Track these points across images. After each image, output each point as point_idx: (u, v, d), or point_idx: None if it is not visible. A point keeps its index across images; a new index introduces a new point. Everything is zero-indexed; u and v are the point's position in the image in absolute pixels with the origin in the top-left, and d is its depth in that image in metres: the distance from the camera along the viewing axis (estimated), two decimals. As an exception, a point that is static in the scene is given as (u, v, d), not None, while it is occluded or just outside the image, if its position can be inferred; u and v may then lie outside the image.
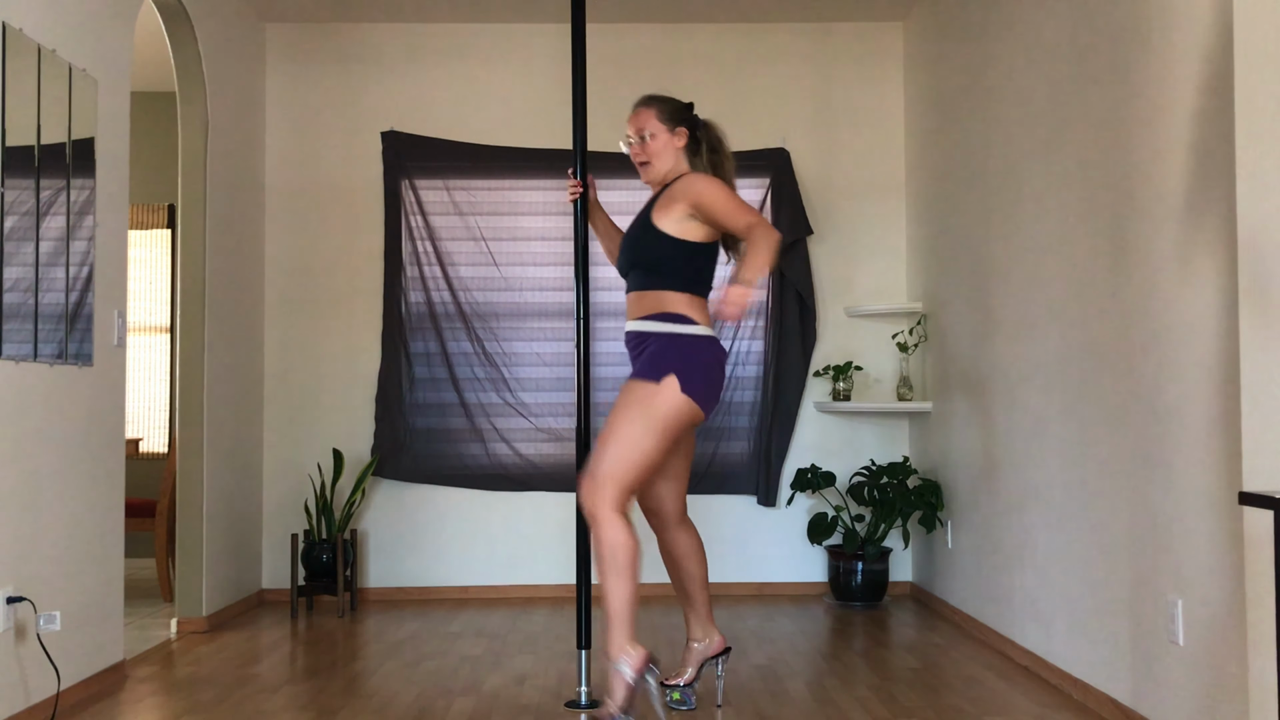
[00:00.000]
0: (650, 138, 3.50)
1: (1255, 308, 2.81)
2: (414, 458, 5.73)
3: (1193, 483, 3.04)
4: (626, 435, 3.26)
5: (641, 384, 3.32)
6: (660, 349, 3.35)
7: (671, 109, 3.55)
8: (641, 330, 3.43)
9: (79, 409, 3.83)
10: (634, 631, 3.25)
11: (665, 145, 3.50)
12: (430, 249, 5.79)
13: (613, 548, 3.23)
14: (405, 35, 5.91)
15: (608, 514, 3.24)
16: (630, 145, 3.55)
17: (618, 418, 3.29)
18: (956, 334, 5.06)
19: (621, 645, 3.22)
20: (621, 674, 3.20)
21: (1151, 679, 3.28)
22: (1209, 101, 2.94)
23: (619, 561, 3.23)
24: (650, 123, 3.51)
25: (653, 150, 3.50)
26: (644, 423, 3.27)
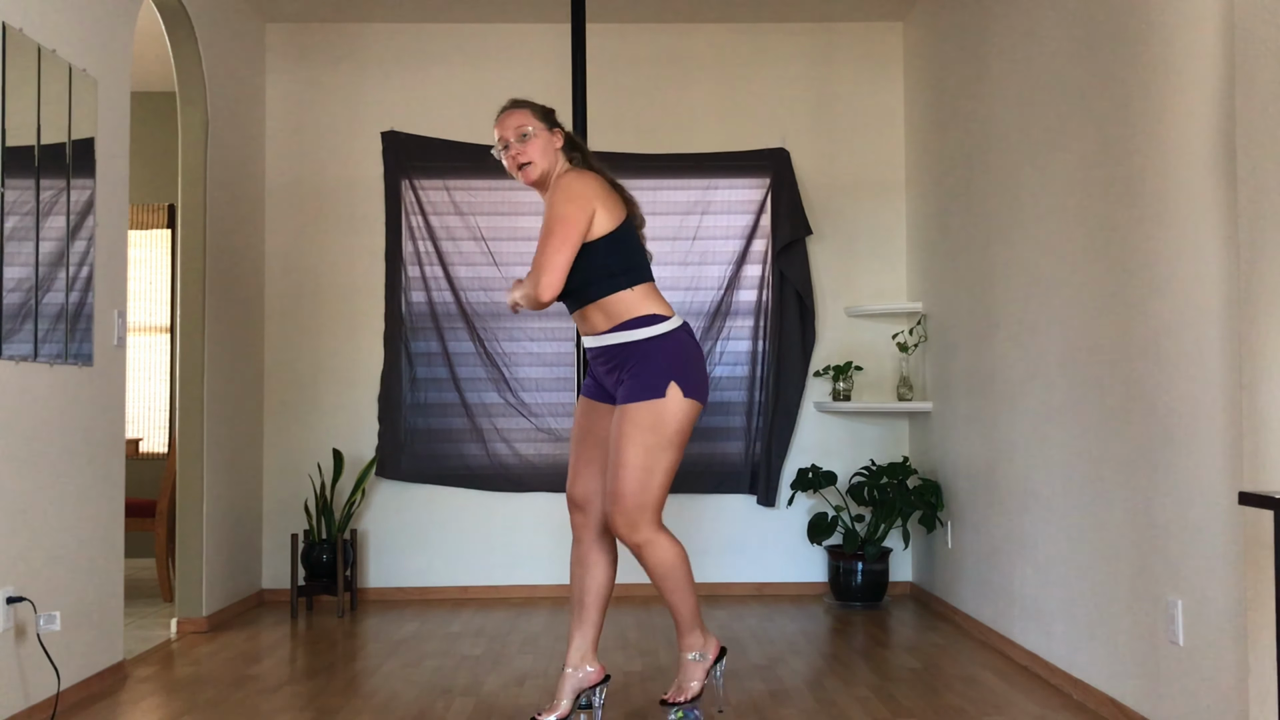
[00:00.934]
0: (531, 134, 3.30)
1: (1254, 307, 2.81)
2: (414, 458, 5.73)
3: (1193, 483, 3.04)
4: (646, 460, 3.20)
5: (645, 404, 3.21)
6: (648, 358, 3.23)
7: (543, 110, 3.38)
8: (616, 342, 3.27)
9: (79, 409, 3.84)
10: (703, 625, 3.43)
11: (546, 144, 3.32)
12: (431, 249, 5.79)
13: (667, 566, 3.28)
14: (405, 35, 5.91)
15: (649, 537, 3.24)
16: (506, 149, 3.33)
17: (632, 443, 3.20)
18: (956, 334, 5.06)
19: (699, 640, 3.41)
20: (701, 664, 3.40)
21: (1151, 679, 3.28)
22: (1209, 101, 2.94)
23: (678, 576, 3.30)
24: (530, 120, 3.32)
25: (533, 148, 3.30)
26: (658, 442, 3.21)
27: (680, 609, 3.33)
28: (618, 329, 3.26)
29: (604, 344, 3.30)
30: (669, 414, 3.21)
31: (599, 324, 3.30)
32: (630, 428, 3.21)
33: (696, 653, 3.39)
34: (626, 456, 3.20)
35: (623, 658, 4.36)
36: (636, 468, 3.20)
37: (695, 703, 3.38)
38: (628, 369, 3.26)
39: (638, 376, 3.23)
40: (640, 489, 3.20)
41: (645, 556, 3.25)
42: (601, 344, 3.31)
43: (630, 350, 3.25)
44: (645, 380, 3.22)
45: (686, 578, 3.30)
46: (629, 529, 3.23)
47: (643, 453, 3.20)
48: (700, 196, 5.82)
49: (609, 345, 3.29)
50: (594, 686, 3.40)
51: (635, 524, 3.22)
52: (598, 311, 3.28)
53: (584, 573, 3.41)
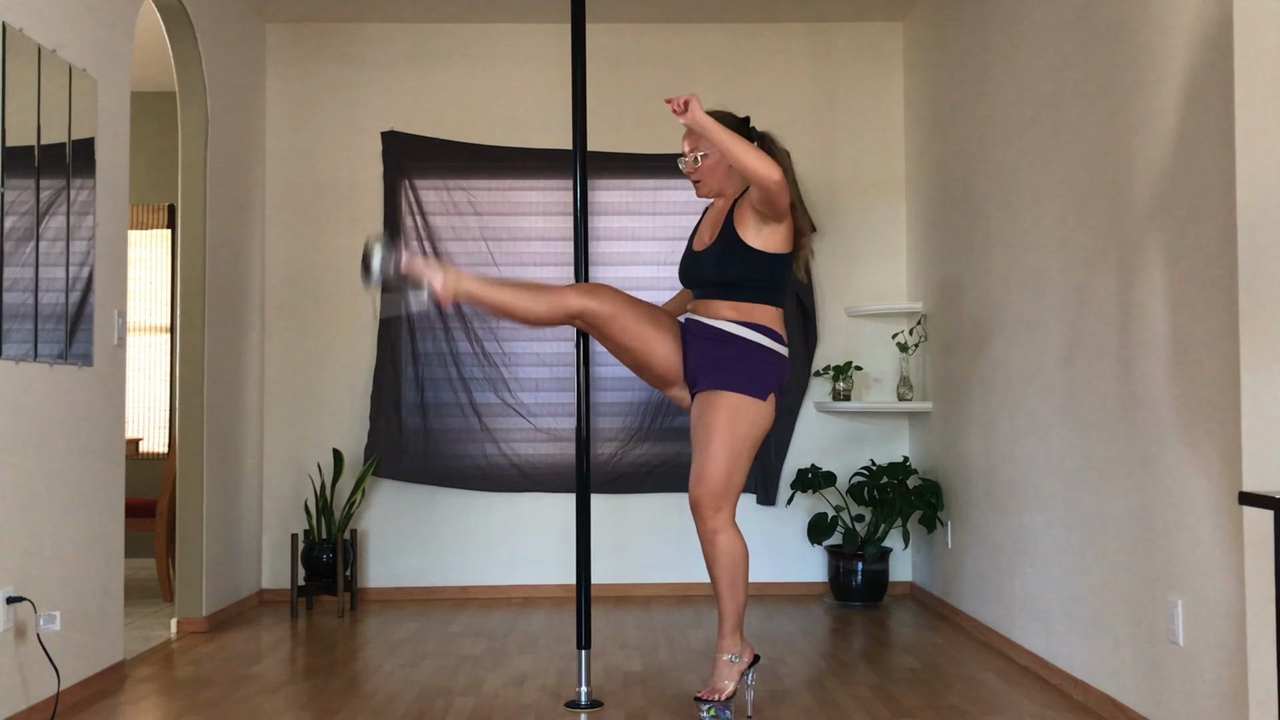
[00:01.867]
0: (704, 157, 3.52)
1: (1255, 308, 2.81)
2: (414, 458, 5.73)
3: (1193, 483, 3.04)
4: (734, 447, 3.36)
5: (750, 399, 3.38)
6: (761, 361, 3.40)
7: (728, 125, 3.47)
8: (731, 331, 3.44)
9: (79, 409, 3.84)
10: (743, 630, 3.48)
11: (717, 163, 3.53)
12: (431, 249, 5.79)
13: (734, 558, 3.40)
14: (405, 35, 5.91)
15: (727, 525, 3.39)
16: (685, 162, 3.56)
17: (727, 429, 3.36)
18: (956, 334, 5.06)
19: (738, 643, 3.44)
20: (737, 666, 3.43)
21: (1151, 679, 3.28)
22: (1209, 101, 2.94)
23: (740, 571, 3.41)
24: (702, 142, 3.51)
25: (704, 169, 3.53)
26: (749, 438, 3.39)
27: (729, 606, 3.41)
28: (744, 325, 3.44)
29: (723, 328, 3.46)
30: (763, 417, 3.41)
31: (725, 314, 3.48)
32: (732, 415, 3.37)
33: (734, 655, 3.43)
34: (723, 438, 3.36)
35: (623, 658, 4.36)
36: (727, 452, 3.36)
37: (728, 703, 3.40)
38: (736, 357, 3.41)
39: (749, 372, 3.40)
40: (730, 472, 3.36)
41: (718, 543, 3.38)
42: (720, 326, 3.46)
43: (747, 345, 3.42)
44: (757, 379, 3.40)
45: (745, 577, 3.43)
46: (713, 509, 3.37)
47: (734, 440, 3.37)
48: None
49: (728, 331, 3.45)
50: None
51: (720, 506, 3.38)
52: (732, 309, 3.46)
53: None
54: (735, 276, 3.45)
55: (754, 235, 3.43)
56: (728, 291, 3.47)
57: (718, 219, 3.56)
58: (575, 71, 3.83)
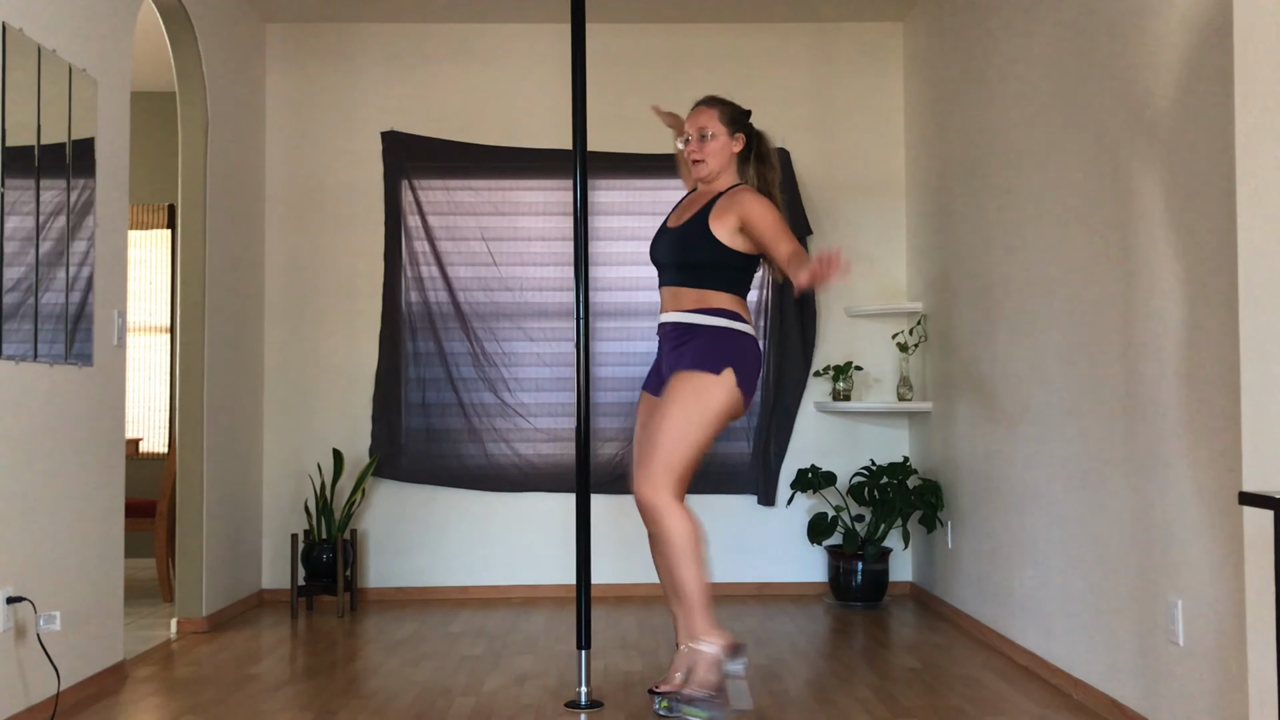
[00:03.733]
0: (711, 137, 3.56)
1: (1255, 307, 2.81)
2: (414, 458, 5.73)
3: (1193, 483, 3.04)
4: (681, 424, 3.35)
5: (698, 374, 3.38)
6: (713, 343, 3.42)
7: (733, 113, 3.61)
8: (687, 322, 3.48)
9: (79, 409, 3.84)
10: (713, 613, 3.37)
11: (722, 147, 3.57)
12: (430, 249, 5.79)
13: (681, 536, 3.33)
14: (405, 35, 5.91)
15: (668, 502, 3.34)
16: (686, 143, 3.60)
17: (672, 407, 3.36)
18: (956, 334, 5.06)
19: (705, 626, 3.34)
20: (708, 652, 3.32)
21: (1151, 679, 3.28)
22: (1209, 101, 2.94)
23: (690, 548, 3.33)
24: (712, 123, 3.57)
25: (709, 150, 3.56)
26: (700, 413, 3.36)
27: (686, 584, 3.32)
28: (699, 311, 3.46)
29: (679, 320, 3.49)
30: (717, 392, 3.38)
31: (685, 304, 3.50)
32: (678, 392, 3.38)
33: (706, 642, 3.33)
34: (667, 417, 3.36)
35: (623, 657, 4.36)
36: (673, 429, 3.35)
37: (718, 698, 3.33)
38: (691, 345, 3.43)
39: (701, 351, 3.40)
40: (671, 449, 3.34)
41: (660, 521, 3.33)
42: (680, 320, 3.49)
43: (702, 332, 3.44)
44: (707, 356, 3.40)
45: (696, 554, 3.33)
46: (651, 489, 3.33)
47: (682, 417, 3.35)
48: (700, 196, 5.82)
49: (682, 322, 3.48)
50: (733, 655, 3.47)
51: (657, 485, 3.33)
52: (693, 295, 3.48)
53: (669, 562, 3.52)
54: (695, 261, 3.48)
55: (726, 234, 3.47)
56: (688, 276, 3.50)
57: (696, 204, 3.60)
58: (575, 71, 3.83)
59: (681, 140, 3.63)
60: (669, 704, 3.46)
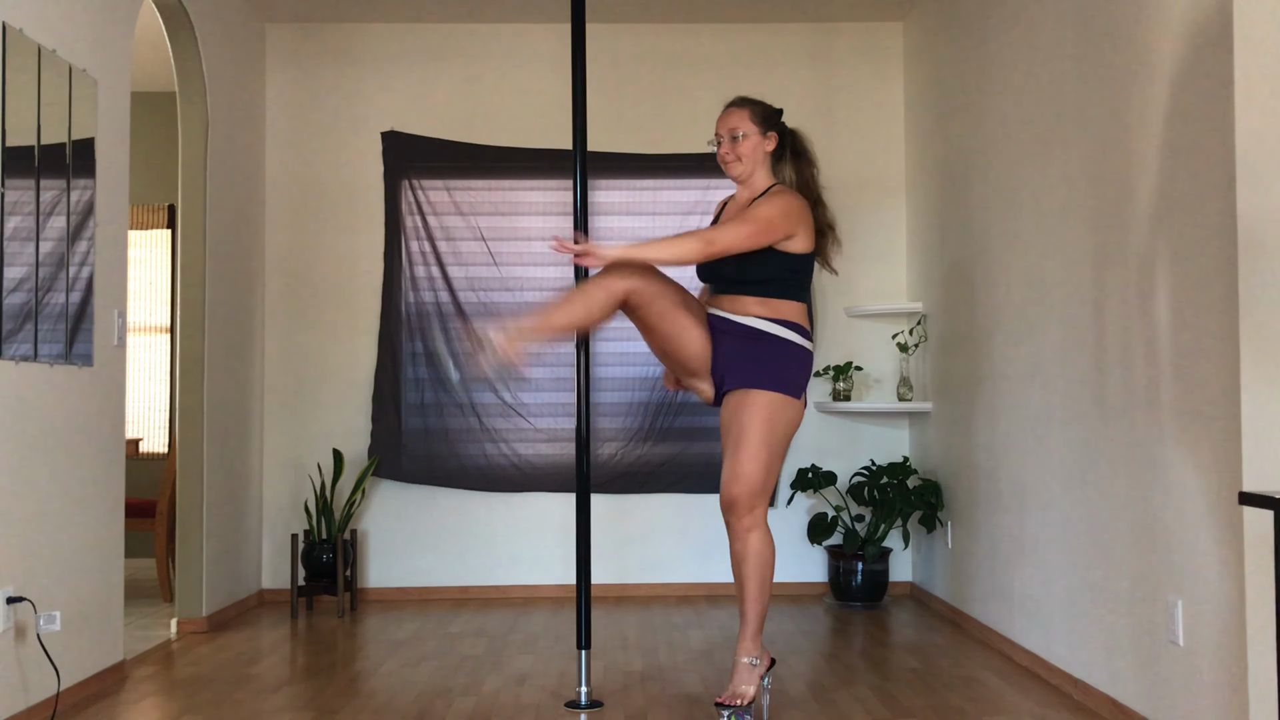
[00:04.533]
0: (743, 138, 3.53)
1: (1255, 307, 2.81)
2: (413, 458, 5.73)
3: (1193, 483, 3.04)
4: (775, 447, 3.37)
5: (784, 398, 3.38)
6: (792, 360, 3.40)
7: (765, 113, 3.57)
8: (761, 329, 3.42)
9: (79, 409, 3.84)
10: None
11: (754, 147, 3.54)
12: (430, 249, 5.79)
13: (765, 559, 3.39)
14: (405, 35, 5.91)
15: (760, 524, 3.39)
16: (720, 143, 3.56)
17: (767, 425, 3.35)
18: (956, 334, 5.06)
19: (758, 646, 3.44)
20: (756, 669, 3.42)
21: (1151, 679, 3.28)
22: (1209, 101, 2.94)
23: (769, 573, 3.42)
24: (744, 123, 3.54)
25: (742, 151, 3.53)
26: (786, 434, 3.41)
27: (754, 609, 3.40)
28: (772, 320, 3.43)
29: (753, 325, 3.44)
30: (797, 416, 3.44)
31: (753, 310, 3.47)
32: (769, 413, 3.37)
33: (754, 658, 3.41)
34: (761, 436, 3.36)
35: (623, 658, 4.36)
36: (767, 449, 3.36)
37: (749, 709, 3.37)
38: (769, 355, 3.40)
39: (783, 369, 3.40)
40: (766, 471, 3.36)
41: (750, 542, 3.37)
42: (750, 324, 3.45)
43: (778, 343, 3.42)
44: (790, 377, 3.40)
45: (770, 580, 3.43)
46: (748, 508, 3.36)
47: (773, 438, 3.37)
48: (700, 196, 5.82)
49: (759, 329, 3.44)
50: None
51: (755, 505, 3.37)
52: (759, 304, 3.46)
53: None
54: (759, 275, 3.45)
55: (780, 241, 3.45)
56: (752, 288, 3.47)
57: (740, 209, 3.55)
58: (575, 71, 3.83)
59: (713, 143, 3.59)
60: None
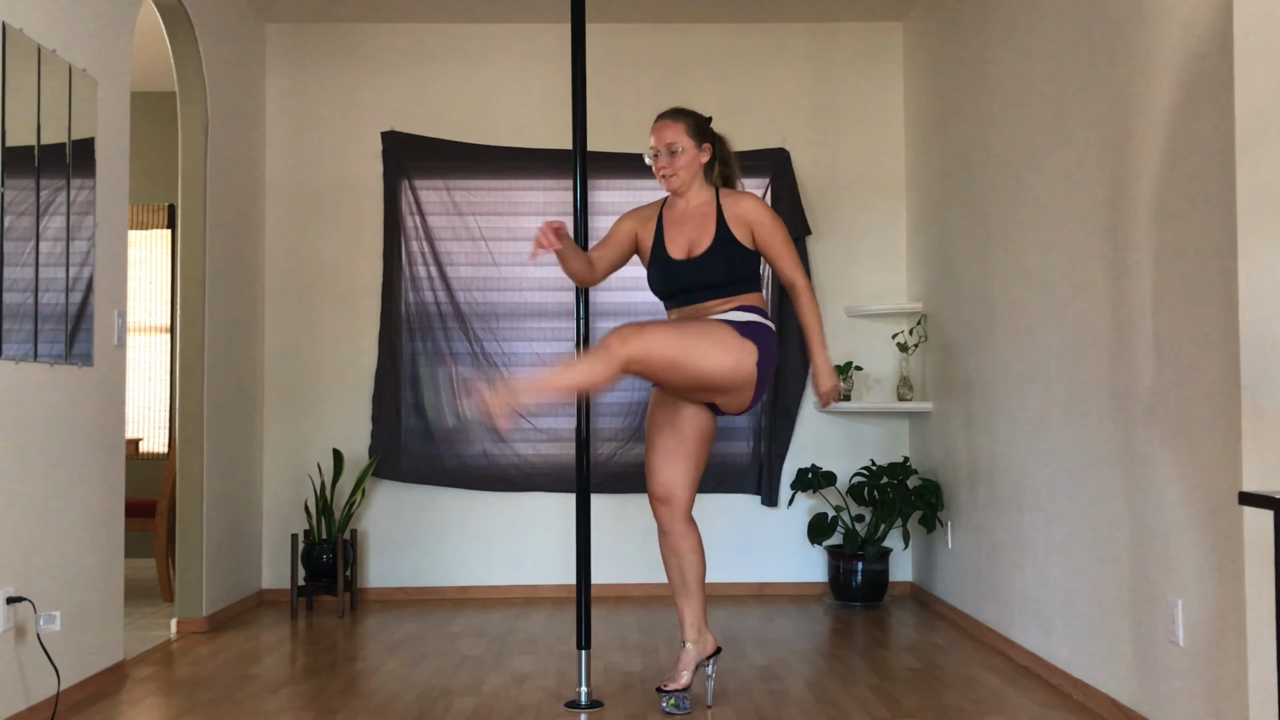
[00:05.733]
0: (680, 152, 3.56)
1: (1255, 307, 2.81)
2: (413, 458, 5.73)
3: (1193, 483, 3.04)
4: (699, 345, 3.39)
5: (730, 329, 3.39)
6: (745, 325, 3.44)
7: (698, 124, 3.62)
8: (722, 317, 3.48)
9: (79, 409, 3.83)
10: None
11: (691, 159, 3.58)
12: (430, 249, 5.79)
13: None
14: (405, 35, 5.91)
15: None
16: (656, 157, 3.59)
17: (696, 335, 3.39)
18: (956, 334, 5.06)
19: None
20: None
21: (1151, 679, 3.28)
22: (1209, 101, 2.94)
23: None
24: (680, 137, 3.57)
25: (679, 165, 3.57)
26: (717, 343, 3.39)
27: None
28: (740, 309, 3.50)
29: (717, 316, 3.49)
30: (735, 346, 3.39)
31: (718, 311, 3.53)
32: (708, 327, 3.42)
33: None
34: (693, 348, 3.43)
35: (623, 658, 4.36)
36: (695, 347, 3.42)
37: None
38: None
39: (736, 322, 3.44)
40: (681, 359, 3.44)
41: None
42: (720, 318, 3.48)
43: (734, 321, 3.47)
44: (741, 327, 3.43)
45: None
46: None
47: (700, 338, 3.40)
48: (700, 196, 5.81)
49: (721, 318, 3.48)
50: (709, 657, 3.65)
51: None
52: (721, 303, 3.52)
53: (680, 561, 3.64)
54: (736, 275, 3.54)
55: (746, 239, 3.56)
56: (716, 292, 3.54)
57: (700, 224, 3.58)
58: (575, 71, 3.83)
59: (649, 155, 3.62)
60: (675, 701, 3.54)
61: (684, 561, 3.63)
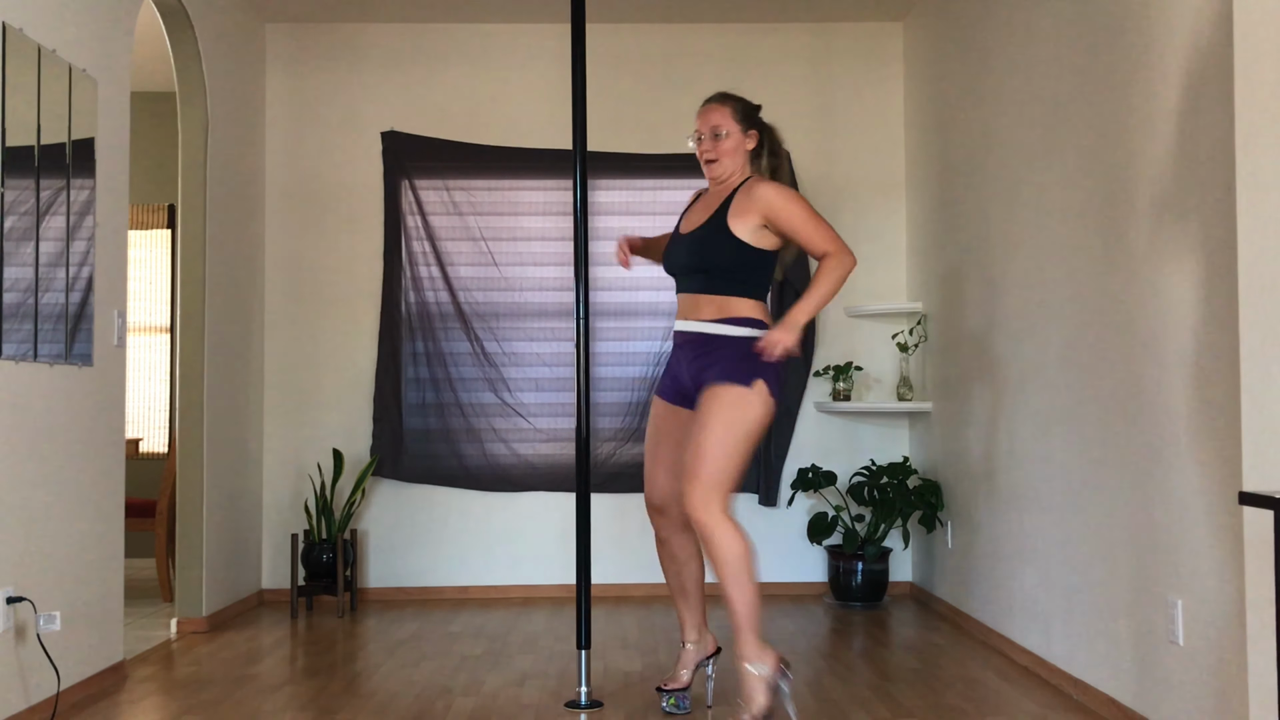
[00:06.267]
0: (725, 135, 3.47)
1: (1255, 307, 2.81)
2: (413, 458, 5.73)
3: (1193, 483, 3.04)
4: (725, 441, 3.28)
5: (733, 388, 3.30)
6: (742, 352, 3.33)
7: (746, 110, 3.51)
8: (709, 332, 3.39)
9: (79, 409, 3.84)
10: (761, 632, 3.32)
11: (737, 145, 3.48)
12: (430, 249, 5.80)
13: (735, 554, 3.26)
14: (405, 35, 5.91)
15: (720, 519, 3.27)
16: (699, 141, 3.50)
17: (714, 423, 3.28)
18: (956, 334, 5.06)
19: (755, 648, 3.28)
20: (761, 675, 3.25)
21: (1151, 679, 3.28)
22: (1209, 101, 2.94)
23: (742, 567, 3.27)
24: (726, 121, 3.47)
25: (724, 149, 3.47)
26: (742, 426, 3.30)
27: (737, 605, 3.26)
28: (722, 321, 3.38)
29: (703, 330, 3.41)
30: (754, 402, 3.31)
31: (706, 314, 3.42)
32: (718, 407, 3.30)
33: (756, 664, 3.26)
34: (710, 434, 3.28)
35: (623, 658, 4.36)
36: (718, 445, 3.27)
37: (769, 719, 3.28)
38: (718, 357, 3.36)
39: (731, 364, 3.33)
40: (719, 467, 3.27)
41: (711, 537, 3.26)
42: (700, 330, 3.42)
43: (727, 342, 3.37)
44: (737, 369, 3.32)
45: (749, 573, 3.27)
46: (703, 505, 3.26)
47: (725, 433, 3.28)
48: (700, 196, 5.82)
49: (707, 334, 3.40)
50: (709, 657, 3.61)
51: (709, 501, 3.26)
52: (711, 304, 3.42)
53: (679, 567, 3.59)
54: (715, 263, 3.38)
55: (747, 232, 3.38)
56: (707, 282, 3.41)
57: (711, 204, 3.50)
58: (575, 71, 3.83)
59: (693, 139, 3.54)
60: (675, 701, 3.52)
61: (682, 569, 3.58)
